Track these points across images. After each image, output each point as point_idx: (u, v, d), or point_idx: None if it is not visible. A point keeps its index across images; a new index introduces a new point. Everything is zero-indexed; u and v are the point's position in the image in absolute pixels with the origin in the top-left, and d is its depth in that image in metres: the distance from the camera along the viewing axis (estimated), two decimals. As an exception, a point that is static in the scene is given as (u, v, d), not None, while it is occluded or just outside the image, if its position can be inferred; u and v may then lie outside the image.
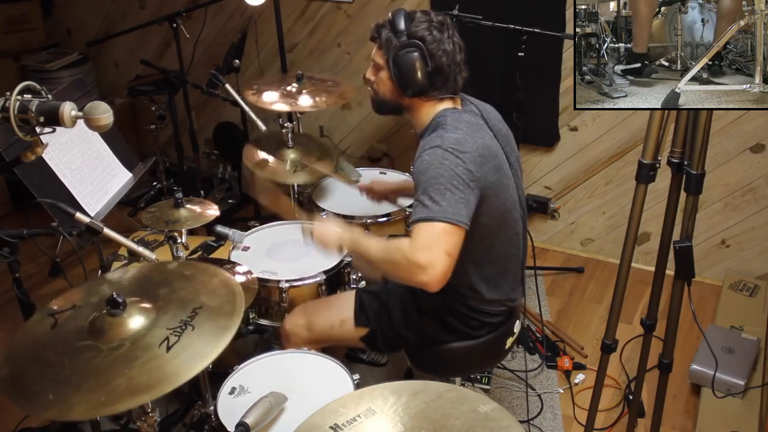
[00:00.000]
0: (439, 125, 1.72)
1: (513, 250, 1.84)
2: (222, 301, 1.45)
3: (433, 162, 1.62)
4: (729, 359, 2.37)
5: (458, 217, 1.58)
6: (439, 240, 1.58)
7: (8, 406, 1.50)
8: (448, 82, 1.75)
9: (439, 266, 1.57)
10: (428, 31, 1.71)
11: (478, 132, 1.71)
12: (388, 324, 1.92)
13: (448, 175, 1.60)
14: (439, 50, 1.71)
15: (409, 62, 1.70)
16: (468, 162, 1.62)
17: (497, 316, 1.88)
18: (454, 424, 1.19)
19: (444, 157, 1.62)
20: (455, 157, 1.62)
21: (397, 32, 1.73)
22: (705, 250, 3.03)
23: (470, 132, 1.69)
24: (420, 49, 1.70)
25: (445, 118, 1.73)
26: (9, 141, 1.70)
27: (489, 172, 1.67)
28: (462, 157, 1.62)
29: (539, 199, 3.29)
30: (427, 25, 1.72)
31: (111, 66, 4.35)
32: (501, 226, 1.76)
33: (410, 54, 1.70)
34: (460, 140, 1.65)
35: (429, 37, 1.71)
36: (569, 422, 2.40)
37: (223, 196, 3.80)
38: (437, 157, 1.63)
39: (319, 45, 3.59)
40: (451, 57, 1.73)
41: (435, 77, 1.73)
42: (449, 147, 1.63)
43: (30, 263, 2.59)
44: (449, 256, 1.58)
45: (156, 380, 1.26)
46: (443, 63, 1.72)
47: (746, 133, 2.78)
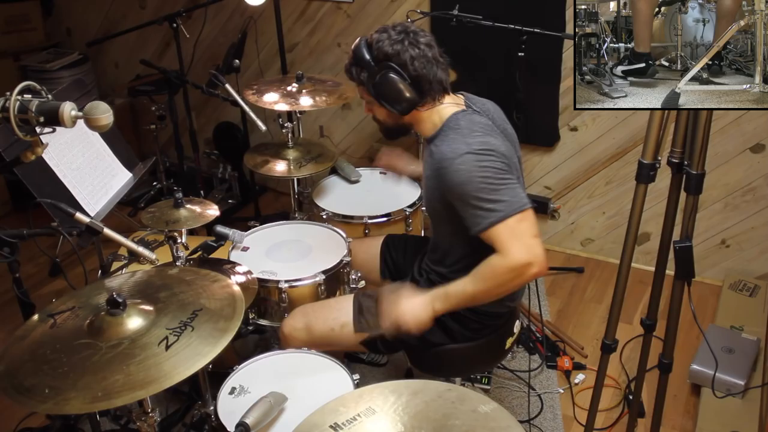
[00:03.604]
0: (452, 130, 1.71)
1: None
2: (222, 303, 1.45)
3: (471, 169, 1.62)
4: (729, 359, 2.37)
5: (522, 201, 1.61)
6: (523, 230, 1.60)
7: (8, 405, 1.50)
8: (433, 83, 1.73)
9: (538, 250, 1.60)
10: (390, 47, 1.69)
11: (493, 132, 1.73)
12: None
13: (493, 173, 1.61)
14: (408, 58, 1.69)
15: (388, 84, 1.70)
16: (502, 156, 1.65)
17: (498, 318, 1.88)
18: (454, 424, 1.19)
19: (479, 159, 1.62)
20: (489, 156, 1.63)
21: (363, 64, 1.73)
22: (705, 250, 3.03)
23: (487, 132, 1.70)
24: (390, 68, 1.69)
25: (458, 122, 1.72)
26: (9, 141, 1.70)
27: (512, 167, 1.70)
28: (494, 154, 1.64)
29: (539, 199, 3.29)
30: (387, 41, 1.70)
31: (111, 66, 4.35)
32: None
33: (385, 76, 1.70)
34: (484, 141, 1.66)
35: (392, 51, 1.69)
36: (569, 422, 2.40)
37: (223, 196, 3.80)
38: (473, 162, 1.62)
39: (319, 45, 3.59)
40: (424, 59, 1.71)
41: (419, 85, 1.71)
42: (479, 150, 1.63)
43: (30, 263, 2.59)
44: (537, 237, 1.62)
45: (154, 377, 1.26)
46: (418, 68, 1.70)
47: (746, 133, 2.78)
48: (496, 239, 1.60)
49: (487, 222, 1.60)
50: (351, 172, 2.75)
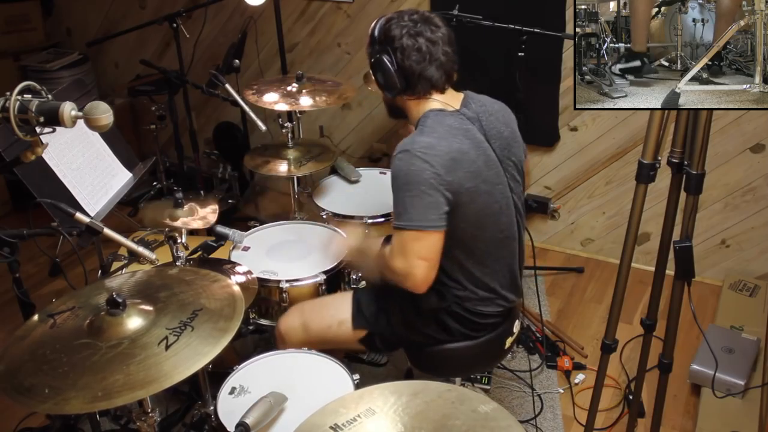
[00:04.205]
0: (420, 125, 1.74)
1: (503, 252, 1.83)
2: (222, 303, 1.45)
3: (402, 167, 1.65)
4: (729, 359, 2.37)
5: (426, 222, 1.62)
6: (411, 247, 1.65)
7: (8, 405, 1.50)
8: (420, 78, 1.73)
9: (417, 272, 1.64)
10: (394, 31, 1.72)
11: (455, 137, 1.69)
12: (387, 325, 1.92)
13: (415, 181, 1.62)
14: (402, 47, 1.71)
15: (380, 66, 1.74)
16: (437, 166, 1.63)
17: (493, 317, 1.88)
18: (454, 424, 1.19)
19: (411, 162, 1.63)
20: (423, 162, 1.62)
21: (372, 39, 1.78)
22: (705, 250, 3.03)
23: (444, 136, 1.68)
24: (386, 53, 1.72)
25: (425, 120, 1.74)
26: (9, 141, 1.70)
27: (463, 177, 1.66)
28: (431, 160, 1.63)
29: (539, 199, 3.29)
30: (395, 25, 1.72)
31: (111, 66, 4.35)
32: (482, 229, 1.75)
33: (379, 58, 1.73)
34: (432, 144, 1.65)
35: (393, 35, 1.72)
36: (569, 422, 2.40)
37: (223, 196, 3.80)
38: (406, 162, 1.64)
39: (319, 45, 3.59)
40: (418, 53, 1.70)
41: (404, 76, 1.73)
42: (418, 151, 1.64)
43: (30, 263, 2.59)
44: (425, 260, 1.65)
45: (154, 377, 1.26)
46: (408, 60, 1.71)
47: (746, 133, 2.78)
48: (393, 241, 1.70)
49: (394, 221, 1.67)
50: (351, 172, 2.75)
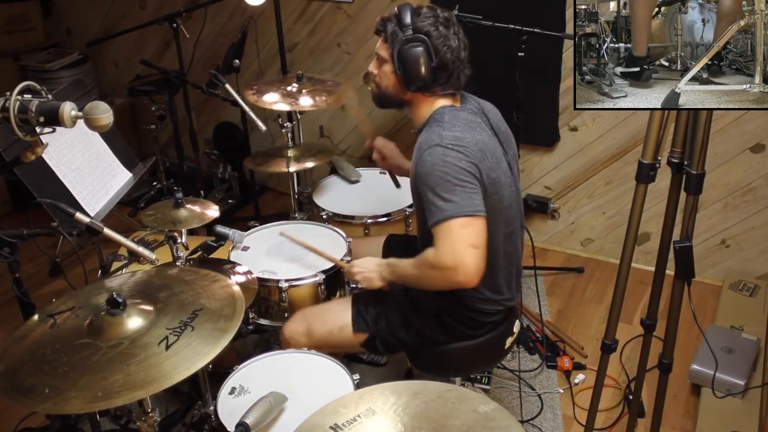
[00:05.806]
0: (436, 122, 1.73)
1: (509, 249, 1.83)
2: (222, 303, 1.45)
3: (435, 162, 1.63)
4: (729, 359, 2.37)
5: (473, 208, 1.60)
6: (460, 236, 1.59)
7: (8, 405, 1.50)
8: (451, 78, 1.75)
9: (469, 261, 1.58)
10: (434, 27, 1.71)
11: (476, 129, 1.72)
12: (387, 327, 1.92)
13: (453, 171, 1.61)
14: (444, 46, 1.71)
15: (414, 57, 1.71)
16: (471, 156, 1.64)
17: (494, 315, 1.88)
18: (454, 424, 1.19)
19: (445, 154, 1.63)
20: (457, 152, 1.63)
21: (402, 26, 1.72)
22: (705, 250, 3.03)
23: (468, 129, 1.70)
24: (425, 44, 1.70)
25: (442, 116, 1.73)
26: (9, 141, 1.70)
27: (489, 168, 1.68)
28: (464, 151, 1.63)
29: (539, 199, 3.29)
30: (433, 20, 1.72)
31: (111, 66, 4.35)
32: (496, 223, 1.75)
33: (415, 48, 1.70)
34: (459, 137, 1.66)
35: (435, 32, 1.71)
36: (569, 422, 2.40)
37: (223, 196, 3.80)
38: (439, 155, 1.63)
39: (319, 45, 3.59)
40: (456, 53, 1.73)
41: (439, 73, 1.73)
42: (449, 144, 1.64)
43: (30, 263, 2.59)
44: (476, 248, 1.59)
45: (154, 377, 1.26)
46: (448, 59, 1.72)
47: (746, 133, 2.78)
48: (435, 236, 1.63)
49: (434, 218, 1.62)
50: (351, 172, 2.75)
